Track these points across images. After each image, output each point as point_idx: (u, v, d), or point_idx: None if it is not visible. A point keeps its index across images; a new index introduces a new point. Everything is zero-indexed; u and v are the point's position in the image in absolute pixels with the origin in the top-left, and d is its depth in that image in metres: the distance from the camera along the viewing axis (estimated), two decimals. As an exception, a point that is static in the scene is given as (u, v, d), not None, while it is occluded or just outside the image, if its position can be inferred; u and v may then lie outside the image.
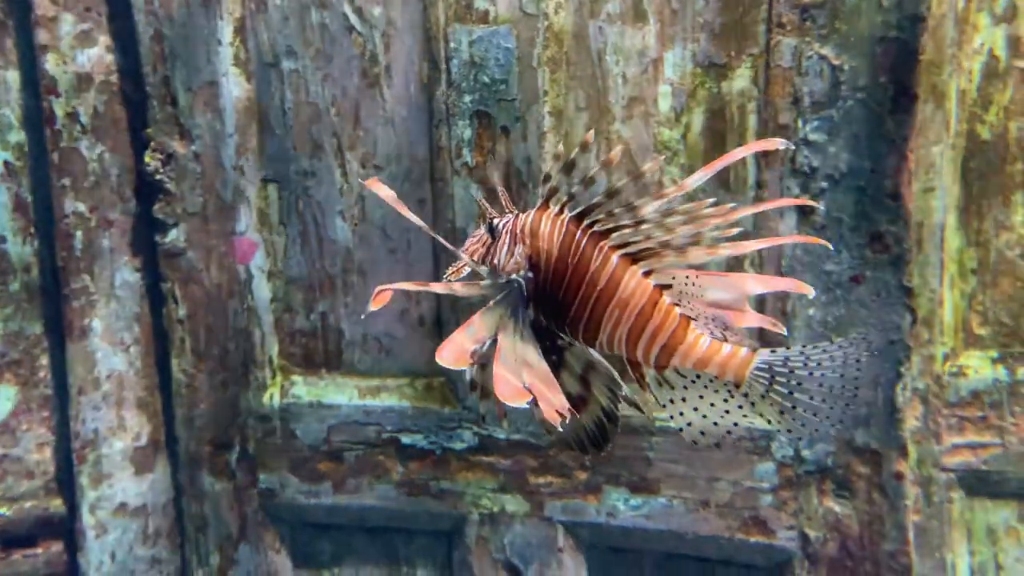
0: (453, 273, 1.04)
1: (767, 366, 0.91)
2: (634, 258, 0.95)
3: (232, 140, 1.97)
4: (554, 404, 0.89)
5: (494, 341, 0.96)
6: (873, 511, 1.67)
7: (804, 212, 1.68)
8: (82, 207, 2.04)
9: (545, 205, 1.00)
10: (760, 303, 1.76)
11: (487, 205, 1.05)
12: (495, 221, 1.03)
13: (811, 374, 0.91)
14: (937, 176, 1.75)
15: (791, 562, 1.73)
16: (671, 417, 0.96)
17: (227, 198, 2.00)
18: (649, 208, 0.95)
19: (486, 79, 1.76)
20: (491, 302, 0.97)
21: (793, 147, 1.50)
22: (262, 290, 2.05)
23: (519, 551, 1.89)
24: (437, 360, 0.92)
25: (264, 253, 2.05)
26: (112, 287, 2.08)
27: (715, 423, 0.95)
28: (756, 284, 0.96)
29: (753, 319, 0.94)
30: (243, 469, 2.06)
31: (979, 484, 1.79)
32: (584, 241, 0.96)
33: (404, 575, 2.06)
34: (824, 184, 1.65)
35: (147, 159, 1.99)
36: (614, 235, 0.95)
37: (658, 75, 1.75)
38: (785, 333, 0.95)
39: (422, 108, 1.87)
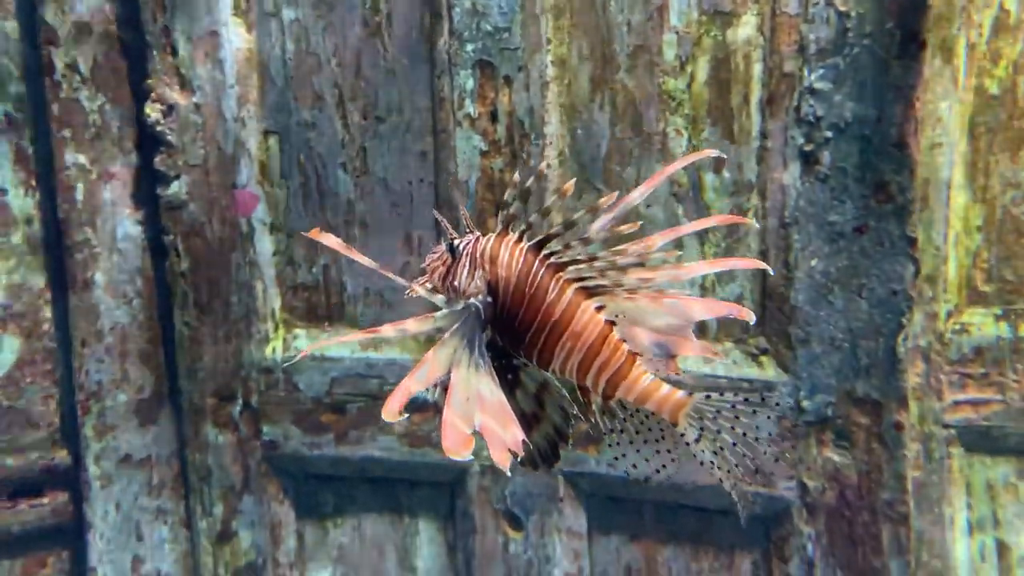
0: (413, 289, 1.05)
1: (698, 414, 0.96)
2: (588, 292, 0.99)
3: (233, 91, 1.96)
4: (506, 442, 0.92)
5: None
6: (872, 461, 1.68)
7: (808, 162, 1.67)
8: (83, 159, 2.04)
9: (504, 232, 1.02)
10: (762, 256, 1.75)
11: (447, 225, 1.07)
12: (455, 242, 1.04)
13: (734, 428, 0.97)
14: (944, 132, 1.73)
15: (789, 511, 1.75)
16: (609, 445, 1.02)
17: (228, 150, 1.99)
18: (599, 238, 0.99)
19: (488, 27, 1.74)
20: (447, 334, 0.99)
21: (724, 156, 1.54)
22: (264, 243, 2.05)
23: (520, 501, 1.91)
24: (383, 416, 0.93)
25: (265, 206, 2.04)
26: (114, 240, 2.08)
27: (646, 459, 1.01)
28: (701, 310, 0.98)
29: (696, 347, 0.98)
30: (246, 421, 2.07)
31: (979, 440, 1.80)
32: (542, 272, 0.99)
33: (406, 525, 2.08)
34: (829, 133, 1.63)
35: (147, 110, 1.97)
36: (570, 268, 0.99)
37: (663, 23, 1.73)
38: (723, 359, 0.96)
39: (424, 58, 1.85)
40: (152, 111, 1.96)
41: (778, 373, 1.74)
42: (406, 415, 0.92)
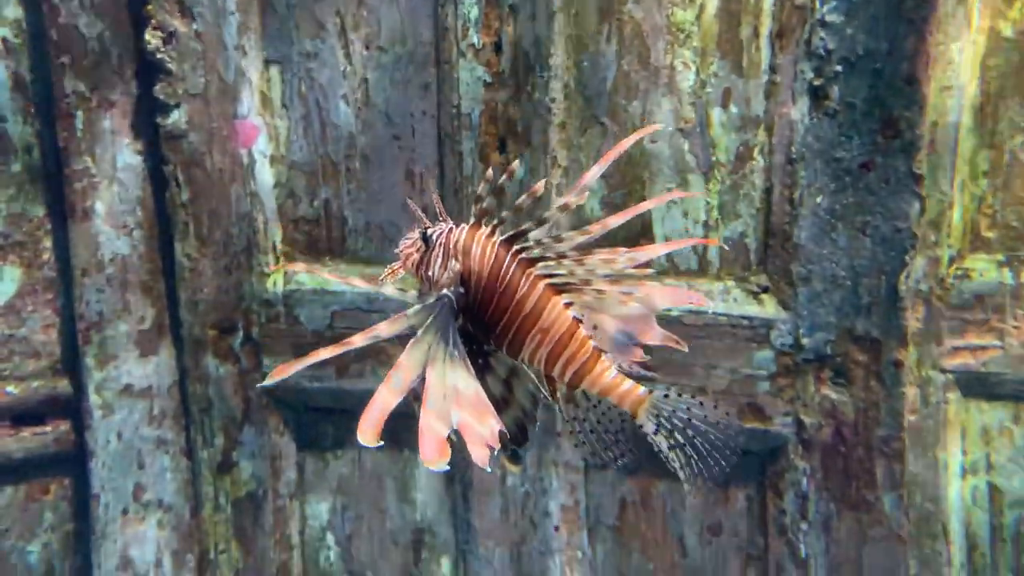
0: (389, 275, 1.08)
1: (656, 410, 1.01)
2: (557, 289, 1.02)
3: (234, 19, 1.93)
4: (484, 437, 0.96)
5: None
6: (869, 398, 1.69)
7: (817, 97, 1.65)
8: (82, 86, 2.01)
9: (477, 225, 1.05)
10: (767, 193, 1.74)
11: (421, 214, 1.09)
12: (429, 231, 1.07)
13: (691, 426, 1.02)
14: (955, 74, 1.70)
15: (785, 447, 1.76)
16: (571, 431, 1.07)
17: (229, 79, 1.97)
18: (571, 243, 1.03)
19: (495, -46, 1.71)
20: (420, 331, 1.02)
21: (669, 128, 1.65)
22: (264, 175, 2.03)
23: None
24: (360, 438, 0.97)
25: (266, 137, 2.02)
26: (114, 169, 2.06)
27: (605, 448, 1.06)
28: (663, 298, 1.02)
29: (658, 336, 1.03)
30: (247, 353, 2.08)
31: (976, 385, 1.81)
32: (513, 267, 1.03)
33: (405, 458, 2.10)
34: (839, 67, 1.61)
35: (147, 37, 1.94)
36: (540, 264, 1.03)
37: (673, -49, 1.69)
38: (685, 349, 1.04)
39: (428, -14, 1.82)
40: (152, 38, 1.93)
41: (778, 311, 1.74)
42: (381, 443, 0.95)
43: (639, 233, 1.84)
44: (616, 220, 1.03)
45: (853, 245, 1.67)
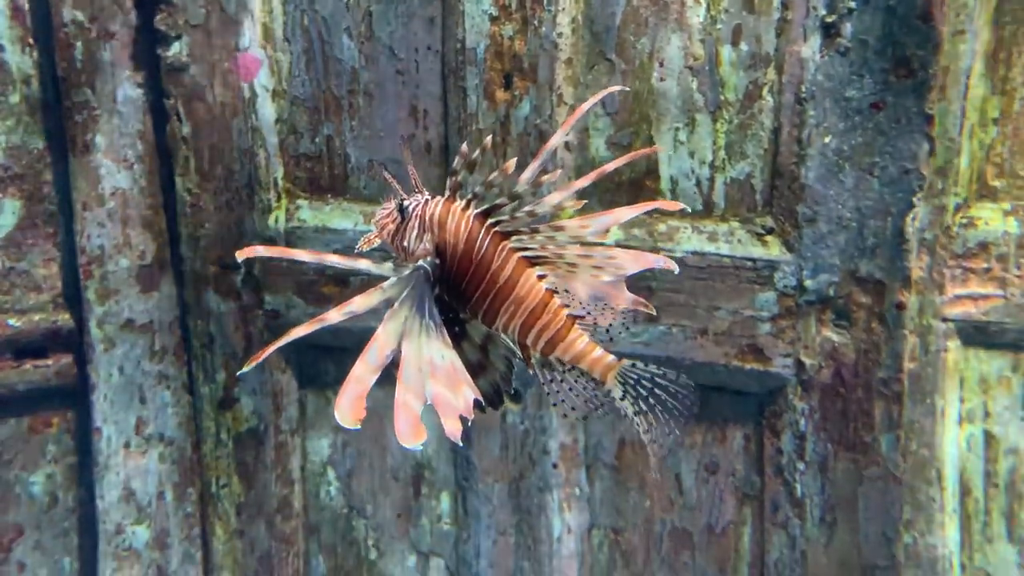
0: (364, 244, 1.10)
1: (623, 377, 1.06)
2: (531, 261, 1.06)
3: (235, -53, 1.89)
4: (458, 409, 0.99)
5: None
6: (870, 340, 1.69)
7: (829, 35, 1.62)
8: (81, 16, 1.98)
9: (452, 198, 1.07)
10: (775, 133, 1.72)
11: (397, 185, 1.10)
12: (405, 203, 1.09)
13: (654, 395, 1.07)
14: (968, 19, 1.67)
15: (784, 389, 1.77)
16: (548, 393, 1.12)
17: (230, 10, 1.93)
18: (544, 208, 1.06)
19: None
20: (395, 304, 1.04)
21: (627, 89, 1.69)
22: (266, 110, 2.01)
23: (519, 374, 1.93)
24: (337, 418, 0.98)
25: (268, 71, 1.99)
26: (114, 102, 2.04)
27: (585, 400, 1.10)
28: (633, 263, 1.06)
29: (628, 300, 1.07)
30: (248, 290, 2.08)
31: (976, 334, 1.81)
32: (487, 240, 1.05)
33: (405, 396, 2.11)
34: (852, 3, 1.58)
35: (147, -35, 1.91)
36: (514, 238, 1.06)
37: None
38: (654, 313, 1.08)
39: (435, -86, 1.78)
40: (151, -34, 1.90)
41: (782, 252, 1.73)
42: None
43: (645, 175, 1.83)
44: (582, 183, 1.07)
45: (860, 186, 1.65)
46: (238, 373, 1.99)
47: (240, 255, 1.05)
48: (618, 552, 1.97)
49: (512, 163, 1.04)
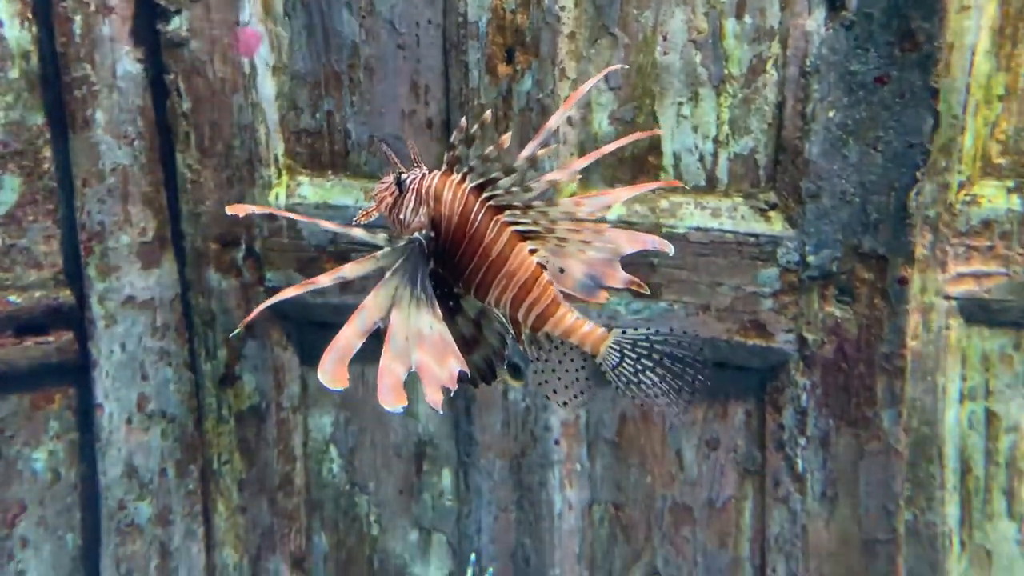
0: (363, 216, 1.11)
1: (618, 346, 1.06)
2: (523, 235, 1.07)
3: (235, -80, 1.87)
4: (442, 380, 1.01)
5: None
6: (873, 315, 1.69)
7: (834, 7, 1.61)
8: (79, -10, 1.96)
9: (449, 171, 1.08)
10: (779, 107, 1.71)
11: (395, 158, 1.12)
12: (403, 176, 1.11)
13: (655, 350, 1.07)
14: (975, -7, 1.66)
15: (786, 364, 1.77)
16: (535, 372, 1.12)
17: (230, -16, 1.92)
18: (541, 186, 1.07)
19: None
20: (387, 273, 1.05)
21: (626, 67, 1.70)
22: (266, 86, 2.00)
23: (519, 351, 1.93)
24: (321, 379, 0.99)
25: (268, 46, 1.98)
26: (114, 77, 2.03)
27: (566, 385, 1.11)
28: (628, 243, 1.07)
29: (622, 279, 1.08)
30: (249, 267, 2.08)
31: (979, 312, 1.80)
32: (482, 213, 1.06)
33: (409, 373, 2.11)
34: (858, -25, 1.57)
35: (146, -62, 1.89)
36: (507, 212, 1.06)
37: None
38: (647, 292, 1.09)
39: None
40: (150, -61, 1.88)
41: (785, 228, 1.73)
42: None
43: (648, 150, 1.82)
44: (581, 163, 1.08)
45: (864, 161, 1.65)
46: (231, 335, 2.00)
47: (230, 209, 1.05)
48: (619, 527, 1.98)
49: (507, 137, 1.05)
